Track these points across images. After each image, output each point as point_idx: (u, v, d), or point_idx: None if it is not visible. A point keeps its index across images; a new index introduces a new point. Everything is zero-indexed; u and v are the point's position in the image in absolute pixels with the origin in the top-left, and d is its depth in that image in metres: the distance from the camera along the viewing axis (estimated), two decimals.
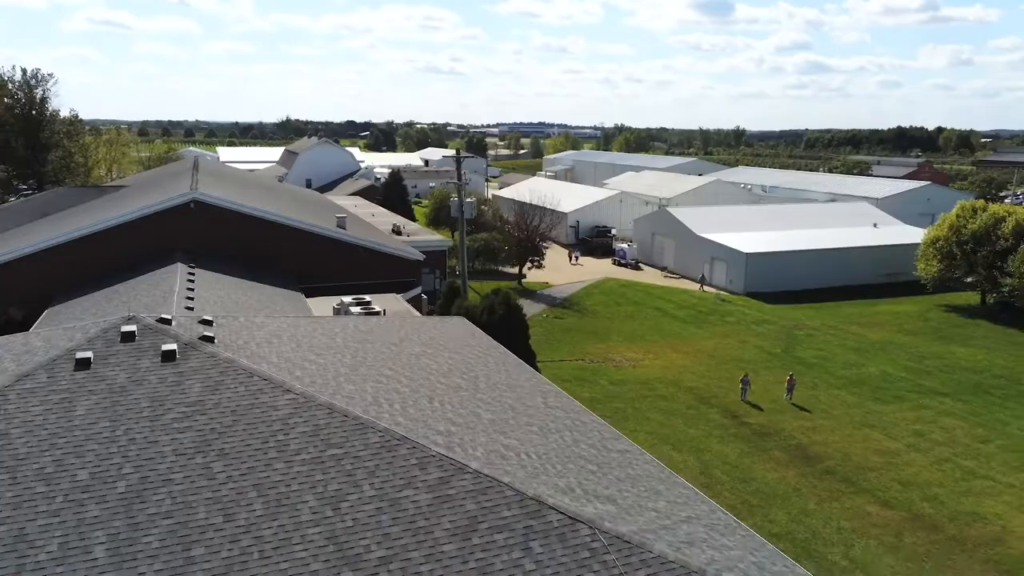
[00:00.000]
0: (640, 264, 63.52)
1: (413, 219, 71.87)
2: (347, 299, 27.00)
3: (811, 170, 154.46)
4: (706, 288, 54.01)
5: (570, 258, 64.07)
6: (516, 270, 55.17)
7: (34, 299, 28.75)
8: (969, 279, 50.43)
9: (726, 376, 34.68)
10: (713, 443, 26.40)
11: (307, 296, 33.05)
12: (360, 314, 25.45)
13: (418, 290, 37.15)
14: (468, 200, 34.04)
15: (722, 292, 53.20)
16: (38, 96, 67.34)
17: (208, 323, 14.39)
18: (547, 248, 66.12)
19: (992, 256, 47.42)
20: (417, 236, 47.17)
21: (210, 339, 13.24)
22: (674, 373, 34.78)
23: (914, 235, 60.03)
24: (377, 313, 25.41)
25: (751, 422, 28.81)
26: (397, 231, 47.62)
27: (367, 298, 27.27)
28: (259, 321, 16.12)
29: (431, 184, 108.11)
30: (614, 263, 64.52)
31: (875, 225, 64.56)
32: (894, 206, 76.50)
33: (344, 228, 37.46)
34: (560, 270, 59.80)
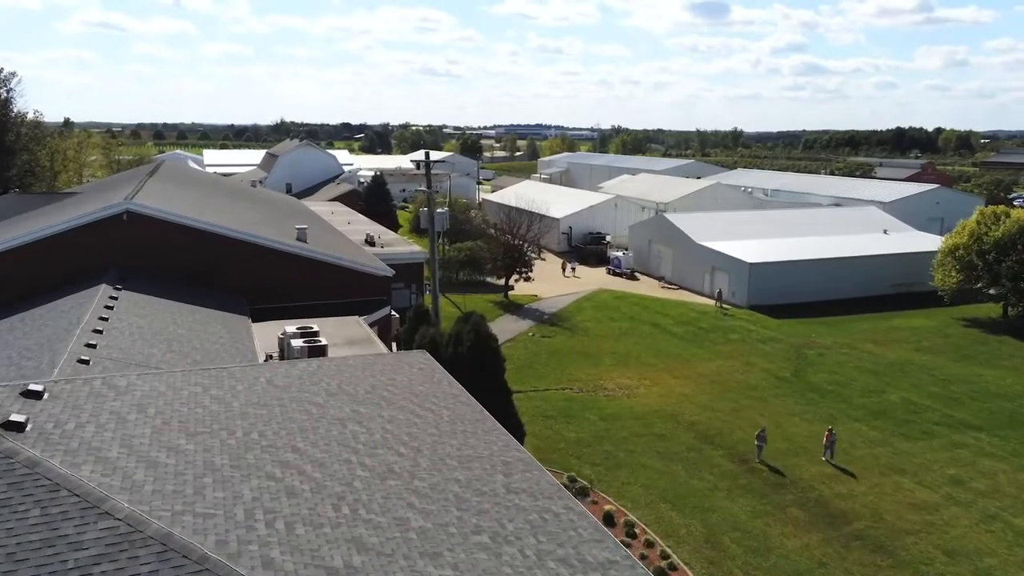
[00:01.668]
0: (636, 274, 59.68)
1: (397, 225, 68.03)
2: (290, 328, 23.09)
3: (812, 172, 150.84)
4: (724, 306, 49.20)
5: (564, 269, 59.39)
6: (503, 282, 51.27)
7: None
8: (992, 291, 46.68)
9: (731, 407, 30.82)
10: (719, 498, 22.51)
11: (257, 319, 29.23)
12: (303, 347, 21.59)
13: (387, 310, 33.28)
14: (440, 211, 30.21)
15: (724, 305, 49.34)
16: (2, 97, 63.42)
17: (35, 395, 10.49)
18: (543, 259, 62.07)
19: (1019, 266, 43.64)
20: (392, 247, 43.30)
21: (18, 426, 9.34)
22: (673, 404, 30.89)
23: (929, 242, 56.26)
24: (321, 347, 21.54)
25: (762, 468, 24.93)
26: (370, 242, 43.73)
27: (314, 327, 23.34)
28: (124, 384, 12.20)
29: (419, 188, 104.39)
30: (608, 272, 60.65)
31: (885, 231, 60.83)
32: (902, 210, 72.77)
33: (304, 241, 33.56)
34: (551, 281, 55.90)
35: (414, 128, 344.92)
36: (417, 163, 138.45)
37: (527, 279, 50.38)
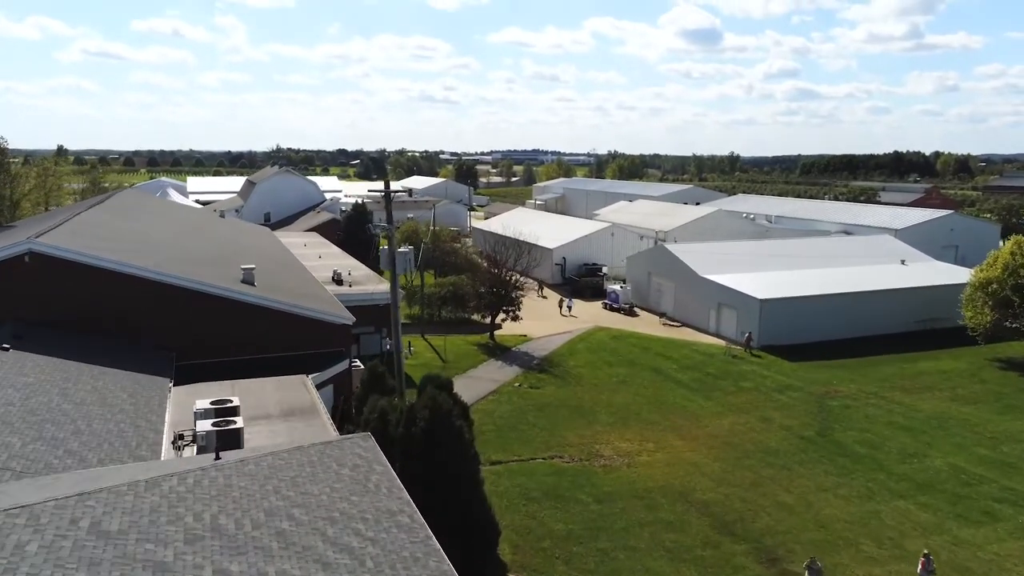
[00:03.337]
0: (635, 309, 55.04)
1: (378, 257, 63.45)
2: (203, 403, 18.36)
3: (813, 197, 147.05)
4: (753, 350, 43.49)
5: (561, 307, 53.74)
6: (489, 320, 46.54)
7: None
8: None
9: (750, 480, 26.00)
10: None
11: (188, 379, 24.47)
12: (210, 433, 16.84)
13: (345, 364, 28.53)
14: (402, 250, 25.65)
15: (733, 347, 44.63)
16: None
17: None
18: (544, 297, 56.89)
19: None
20: (361, 286, 38.75)
21: None
22: (681, 477, 26.05)
23: (953, 274, 51.85)
24: (233, 432, 16.81)
25: (798, 571, 20.06)
26: (337, 280, 39.17)
27: (234, 400, 18.62)
28: None
29: (409, 215, 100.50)
30: (605, 307, 56.01)
31: (903, 262, 56.31)
32: (915, 237, 68.41)
33: (251, 283, 28.97)
34: (544, 318, 51.16)
35: (410, 154, 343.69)
36: (410, 191, 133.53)
37: (515, 318, 45.62)
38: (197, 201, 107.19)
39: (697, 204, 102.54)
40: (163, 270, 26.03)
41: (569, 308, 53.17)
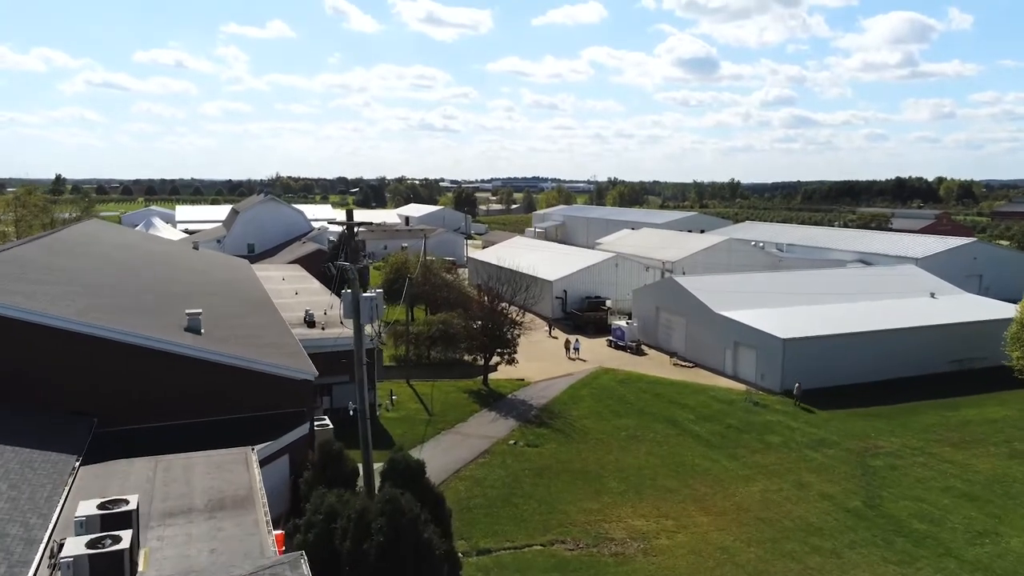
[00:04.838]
0: (643, 347, 50.52)
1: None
2: (88, 507, 13.80)
3: (817, 223, 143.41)
4: (800, 404, 37.96)
5: (567, 350, 48.82)
6: (482, 362, 41.99)
7: None
8: None
9: (796, 572, 21.35)
10: None
11: (108, 453, 19.99)
12: (82, 559, 12.28)
13: (304, 429, 23.94)
14: (368, 295, 21.30)
15: (754, 391, 40.06)
16: None
17: None
18: (554, 337, 52.05)
19: None
20: (336, 329, 34.24)
21: None
22: (711, 569, 21.35)
23: (991, 308, 47.46)
24: (115, 556, 12.29)
25: None
26: (310, 322, 34.75)
27: (130, 501, 14.09)
28: None
29: (403, 244, 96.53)
30: (609, 345, 51.52)
31: (932, 295, 51.94)
32: (936, 267, 64.20)
33: (197, 331, 24.57)
34: (543, 358, 46.68)
35: (409, 182, 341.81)
36: (407, 219, 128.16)
37: (510, 361, 41.08)
38: (185, 230, 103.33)
39: (702, 232, 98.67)
40: (79, 318, 21.58)
41: (576, 350, 48.46)
